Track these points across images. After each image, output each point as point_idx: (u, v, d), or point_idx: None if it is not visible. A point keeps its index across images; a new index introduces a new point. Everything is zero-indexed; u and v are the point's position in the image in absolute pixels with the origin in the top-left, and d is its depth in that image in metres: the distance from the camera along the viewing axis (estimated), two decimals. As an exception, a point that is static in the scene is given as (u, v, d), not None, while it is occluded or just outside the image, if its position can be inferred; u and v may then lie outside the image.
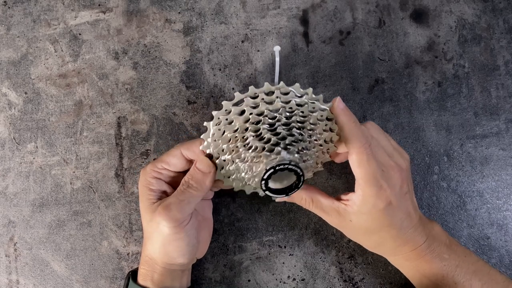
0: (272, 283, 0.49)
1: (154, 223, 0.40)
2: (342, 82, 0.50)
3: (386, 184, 0.39)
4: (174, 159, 0.42)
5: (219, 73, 0.51)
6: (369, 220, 0.41)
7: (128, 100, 0.51)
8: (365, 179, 0.39)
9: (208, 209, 0.47)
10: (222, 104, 0.38)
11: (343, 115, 0.39)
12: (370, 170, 0.39)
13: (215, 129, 0.39)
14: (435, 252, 0.41)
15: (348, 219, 0.42)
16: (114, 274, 0.49)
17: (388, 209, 0.40)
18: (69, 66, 0.52)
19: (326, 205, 0.42)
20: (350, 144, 0.39)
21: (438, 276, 0.41)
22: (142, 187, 0.42)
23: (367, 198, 0.40)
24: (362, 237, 0.43)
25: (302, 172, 0.38)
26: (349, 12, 0.51)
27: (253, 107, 0.38)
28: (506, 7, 0.51)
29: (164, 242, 0.41)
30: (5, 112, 0.52)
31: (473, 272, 0.41)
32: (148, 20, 0.52)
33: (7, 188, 0.51)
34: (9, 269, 0.50)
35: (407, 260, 0.42)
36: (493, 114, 0.50)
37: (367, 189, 0.39)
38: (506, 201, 0.49)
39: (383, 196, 0.39)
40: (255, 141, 0.38)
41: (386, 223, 0.40)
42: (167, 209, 0.40)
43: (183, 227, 0.40)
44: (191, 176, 0.41)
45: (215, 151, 0.40)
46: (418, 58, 0.51)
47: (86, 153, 0.51)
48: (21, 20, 0.53)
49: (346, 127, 0.39)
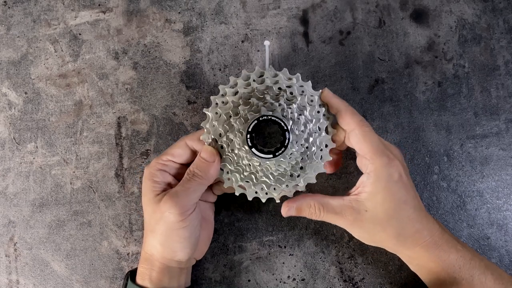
0: (272, 283, 0.49)
1: (158, 213, 0.40)
2: (342, 82, 0.50)
3: (392, 154, 0.40)
4: (179, 150, 0.43)
5: (219, 73, 0.51)
6: (386, 199, 0.39)
7: (128, 100, 0.51)
8: (373, 150, 0.39)
9: (210, 211, 0.47)
10: (219, 88, 0.41)
11: (335, 97, 0.41)
12: (376, 141, 0.40)
13: (213, 112, 0.41)
14: (450, 242, 0.41)
15: (363, 210, 0.40)
16: (114, 274, 0.49)
17: (401, 182, 0.40)
18: (69, 66, 0.52)
19: (338, 205, 0.41)
20: (350, 120, 0.40)
21: (456, 268, 0.40)
22: (146, 180, 0.43)
23: (380, 170, 0.39)
24: (381, 228, 0.40)
25: (287, 127, 0.39)
26: (349, 12, 0.51)
27: (245, 88, 0.41)
28: (506, 7, 0.51)
29: (168, 231, 0.41)
30: (5, 112, 0.52)
31: (486, 266, 0.41)
32: (148, 20, 0.52)
33: (7, 188, 0.51)
34: (9, 269, 0.50)
35: (426, 250, 0.41)
36: (493, 114, 0.50)
37: (377, 160, 0.39)
38: (506, 201, 0.49)
39: (394, 165, 0.39)
40: (245, 111, 0.40)
41: (403, 198, 0.40)
42: (174, 196, 0.40)
43: (188, 215, 0.41)
44: (196, 165, 0.41)
45: (213, 136, 0.41)
46: (418, 58, 0.51)
47: (86, 153, 0.51)
48: (21, 20, 0.53)
49: (341, 106, 0.41)
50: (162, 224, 0.41)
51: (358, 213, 0.40)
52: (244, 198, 0.42)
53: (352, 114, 0.41)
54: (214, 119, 0.41)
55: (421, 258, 0.42)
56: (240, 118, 0.40)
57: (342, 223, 0.42)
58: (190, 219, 0.41)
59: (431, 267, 0.42)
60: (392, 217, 0.40)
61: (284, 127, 0.39)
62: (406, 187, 0.40)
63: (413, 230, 0.41)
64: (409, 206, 0.40)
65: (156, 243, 0.42)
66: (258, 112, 0.40)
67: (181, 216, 0.40)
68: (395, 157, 0.40)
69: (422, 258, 0.42)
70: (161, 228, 0.41)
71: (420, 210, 0.41)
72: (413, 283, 0.48)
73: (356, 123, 0.40)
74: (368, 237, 0.42)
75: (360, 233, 0.42)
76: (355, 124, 0.40)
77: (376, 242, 0.43)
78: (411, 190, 0.41)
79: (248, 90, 0.41)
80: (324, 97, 0.41)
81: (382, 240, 0.42)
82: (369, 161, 0.40)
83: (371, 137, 0.40)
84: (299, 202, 0.42)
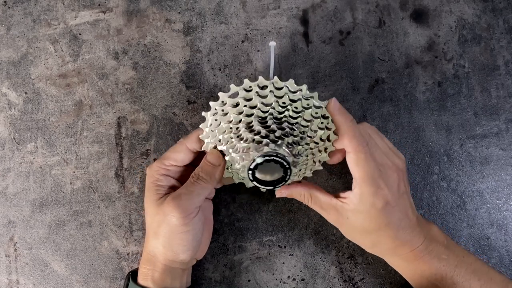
0: (272, 283, 0.49)
1: (161, 216, 0.40)
2: (342, 82, 0.50)
3: (383, 184, 0.39)
4: (180, 155, 0.43)
5: (219, 73, 0.51)
6: (366, 219, 0.40)
7: (128, 100, 0.51)
8: (363, 178, 0.39)
9: (209, 209, 0.47)
10: (218, 95, 0.40)
11: (339, 114, 0.39)
12: (368, 169, 0.39)
13: (212, 119, 0.40)
14: (433, 253, 0.41)
15: (345, 217, 0.41)
16: (114, 274, 0.49)
17: (386, 209, 0.40)
18: (69, 66, 0.52)
19: (324, 202, 0.42)
20: (347, 142, 0.39)
21: (437, 277, 0.41)
22: (150, 184, 0.43)
23: (365, 196, 0.39)
24: (359, 236, 0.43)
25: (289, 166, 0.39)
26: (349, 12, 0.51)
27: (247, 100, 0.39)
28: (506, 7, 0.51)
29: (170, 234, 0.41)
30: (5, 112, 0.52)
31: (472, 272, 0.41)
32: (148, 20, 0.52)
33: (7, 188, 0.51)
34: (9, 269, 0.50)
35: (405, 261, 0.42)
36: (493, 114, 0.50)
37: (365, 188, 0.39)
38: (506, 201, 0.49)
39: (380, 195, 0.39)
40: (246, 132, 0.39)
41: (384, 222, 0.40)
42: (177, 198, 0.40)
43: (191, 219, 0.41)
44: (201, 168, 0.42)
45: (213, 140, 0.41)
46: (418, 58, 0.51)
47: (86, 153, 0.51)
48: (21, 20, 0.53)
49: (343, 126, 0.39)
50: (164, 227, 0.41)
51: (341, 216, 0.42)
52: (245, 198, 0.43)
53: (351, 138, 0.39)
54: (214, 126, 0.41)
55: (399, 266, 0.44)
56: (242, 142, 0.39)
57: (327, 218, 0.44)
58: (193, 222, 0.41)
59: (409, 276, 0.43)
60: (370, 233, 0.41)
61: (286, 166, 0.39)
62: (392, 212, 0.40)
63: (391, 246, 0.42)
64: (390, 228, 0.40)
65: (158, 245, 0.42)
66: (260, 143, 0.38)
67: (184, 219, 0.40)
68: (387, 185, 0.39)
69: (399, 267, 0.44)
70: (164, 230, 0.41)
71: (404, 229, 0.41)
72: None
73: (353, 147, 0.39)
74: (347, 236, 0.44)
75: (342, 231, 0.44)
76: (351, 148, 0.39)
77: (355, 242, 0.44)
78: (397, 213, 0.40)
79: (250, 104, 0.39)
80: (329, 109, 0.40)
81: (359, 243, 0.44)
82: (357, 186, 0.40)
83: (364, 164, 0.39)
84: (292, 189, 0.44)
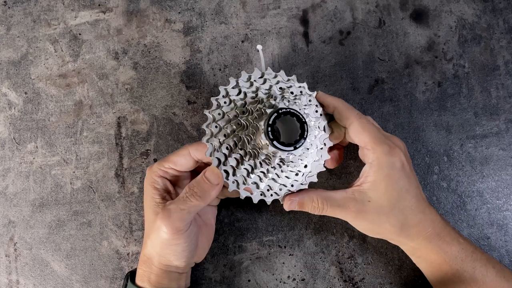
0: (272, 283, 0.49)
1: (155, 225, 0.40)
2: (342, 82, 0.50)
3: (393, 144, 0.40)
4: (181, 159, 0.42)
5: (219, 73, 0.51)
6: (389, 187, 0.39)
7: (128, 100, 0.51)
8: (373, 139, 0.39)
9: (211, 215, 0.47)
10: (219, 89, 0.40)
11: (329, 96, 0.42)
12: (376, 131, 0.40)
13: (216, 113, 0.40)
14: (452, 234, 0.41)
15: (366, 201, 0.40)
16: (114, 274, 0.49)
17: (403, 171, 0.40)
18: (69, 66, 0.52)
19: (341, 198, 0.41)
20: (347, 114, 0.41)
21: (458, 260, 0.40)
22: (147, 185, 0.43)
23: (381, 158, 0.39)
24: (385, 217, 0.40)
25: (305, 119, 0.38)
26: (349, 12, 0.51)
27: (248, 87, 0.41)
28: (506, 7, 0.51)
29: (161, 245, 0.41)
30: (5, 112, 0.52)
31: (487, 260, 0.41)
32: (148, 20, 0.52)
33: (7, 188, 0.51)
34: (9, 269, 0.50)
35: (429, 241, 0.41)
36: (493, 114, 0.50)
37: (378, 148, 0.39)
38: (506, 201, 0.49)
39: (395, 153, 0.39)
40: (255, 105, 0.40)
41: (405, 187, 0.40)
42: (168, 217, 0.39)
43: (181, 234, 0.40)
44: (198, 184, 0.39)
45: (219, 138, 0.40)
46: (418, 58, 0.51)
47: (86, 153, 0.51)
48: (21, 20, 0.53)
49: (338, 103, 0.41)
50: (156, 237, 0.41)
51: (362, 204, 0.40)
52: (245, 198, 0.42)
53: (349, 108, 0.41)
54: (217, 120, 0.40)
55: (424, 249, 0.42)
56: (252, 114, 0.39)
57: (345, 215, 0.41)
58: (184, 236, 0.40)
59: (433, 259, 0.42)
60: (395, 206, 0.40)
61: (303, 119, 0.38)
62: (409, 176, 0.40)
63: (416, 220, 0.40)
64: (411, 195, 0.40)
65: (153, 250, 0.42)
66: (271, 108, 0.39)
67: (174, 235, 0.39)
68: (397, 146, 0.40)
69: (424, 250, 0.42)
70: (156, 240, 0.41)
71: (422, 200, 0.41)
72: (413, 283, 0.48)
73: (354, 116, 0.41)
74: (372, 228, 0.42)
75: (364, 225, 0.42)
76: (353, 118, 0.40)
77: (380, 234, 0.42)
78: (413, 180, 0.41)
79: (253, 88, 0.41)
80: (319, 97, 0.42)
81: (386, 231, 0.41)
82: (370, 150, 0.40)
83: (369, 127, 0.40)
84: (302, 196, 0.41)
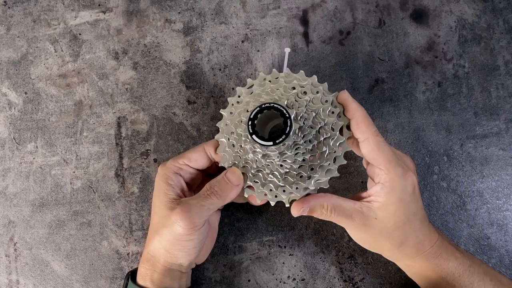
0: (272, 283, 0.49)
1: (168, 220, 0.40)
2: (342, 82, 0.50)
3: (406, 167, 0.39)
4: (196, 155, 0.42)
5: (219, 73, 0.51)
6: (398, 211, 0.39)
7: (128, 100, 0.51)
8: (388, 160, 0.38)
9: (215, 218, 0.47)
10: (236, 90, 0.42)
11: (354, 102, 0.40)
12: (390, 153, 0.39)
13: (228, 112, 0.42)
14: (449, 250, 0.41)
15: (373, 218, 0.40)
16: (114, 274, 0.49)
17: (414, 195, 0.39)
18: (69, 66, 0.52)
19: (349, 208, 0.40)
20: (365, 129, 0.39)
21: (455, 276, 0.41)
22: (160, 182, 0.42)
23: (395, 181, 0.38)
24: (387, 236, 0.40)
25: (289, 114, 0.38)
26: (349, 12, 0.51)
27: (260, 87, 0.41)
28: (506, 7, 0.51)
29: (173, 240, 0.41)
30: (5, 112, 0.52)
31: (484, 273, 0.41)
32: (148, 20, 0.52)
33: (7, 188, 0.51)
34: (9, 269, 0.50)
35: (426, 259, 0.41)
36: (493, 114, 0.50)
37: (392, 170, 0.38)
38: (506, 201, 0.49)
39: (409, 177, 0.39)
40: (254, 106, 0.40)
41: (412, 211, 0.39)
42: (187, 211, 0.40)
43: (196, 230, 0.40)
44: (218, 183, 0.40)
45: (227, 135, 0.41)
46: (418, 58, 0.51)
47: (86, 153, 0.51)
48: (21, 20, 0.53)
49: (359, 113, 0.39)
50: (169, 232, 0.41)
51: (367, 218, 0.40)
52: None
53: (367, 122, 0.39)
54: (228, 118, 0.41)
55: (420, 267, 0.42)
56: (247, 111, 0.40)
57: (349, 225, 0.41)
58: (198, 233, 0.41)
59: (429, 275, 0.42)
60: (399, 228, 0.40)
61: (286, 115, 0.38)
62: (417, 199, 0.40)
63: (416, 240, 0.41)
64: (417, 218, 0.40)
65: (160, 246, 0.42)
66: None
67: (190, 230, 0.40)
68: (409, 168, 0.40)
69: (420, 267, 0.42)
70: (168, 235, 0.41)
71: (424, 221, 0.41)
72: (413, 283, 0.48)
73: (371, 132, 0.39)
74: (370, 242, 0.42)
75: (363, 238, 0.42)
76: (369, 134, 0.39)
77: (377, 249, 0.43)
78: (420, 202, 0.41)
79: (262, 88, 0.41)
80: (341, 99, 0.40)
81: (384, 248, 0.42)
82: (384, 171, 0.39)
83: (384, 147, 0.39)
84: (313, 203, 0.41)
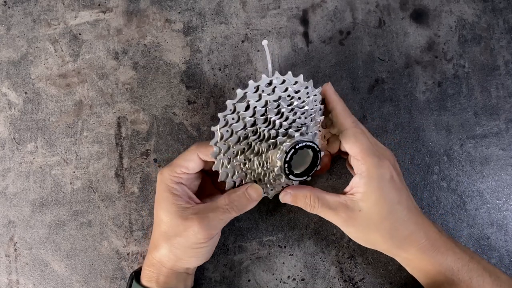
0: (272, 283, 0.49)
1: (182, 228, 0.40)
2: (342, 82, 0.50)
3: (382, 156, 0.40)
4: (191, 163, 0.42)
5: (219, 73, 0.51)
6: (380, 200, 0.40)
7: (128, 100, 0.51)
8: (364, 150, 0.40)
9: None
10: (226, 104, 0.38)
11: (334, 94, 0.42)
12: (367, 143, 0.40)
13: (223, 130, 0.39)
14: (447, 244, 0.41)
15: (357, 210, 0.40)
16: (114, 274, 0.49)
17: (392, 183, 0.40)
18: (69, 66, 0.52)
19: (333, 201, 0.41)
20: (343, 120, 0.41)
21: (454, 270, 0.40)
22: (164, 193, 0.42)
23: (371, 170, 0.39)
24: (374, 227, 0.41)
25: (319, 148, 0.40)
26: (349, 12, 0.51)
27: (256, 101, 0.39)
28: (506, 7, 0.51)
29: (186, 248, 0.41)
30: (5, 112, 0.52)
31: (483, 269, 0.41)
32: (148, 20, 0.52)
33: (7, 188, 0.51)
34: (9, 269, 0.50)
35: (423, 252, 0.41)
36: (493, 114, 0.50)
37: (368, 159, 0.40)
38: (506, 201, 0.49)
39: (384, 165, 0.40)
40: (266, 130, 0.40)
41: (396, 199, 0.40)
42: (206, 224, 0.40)
43: (211, 238, 0.41)
44: (239, 199, 0.41)
45: (227, 155, 0.40)
46: (418, 58, 0.51)
47: (86, 153, 0.51)
48: (21, 20, 0.53)
49: (338, 105, 0.41)
50: (184, 241, 0.41)
51: (352, 211, 0.41)
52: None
53: (346, 115, 0.42)
54: (226, 137, 0.39)
55: (418, 260, 0.42)
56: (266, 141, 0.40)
57: (336, 219, 0.42)
58: (212, 240, 0.42)
59: (428, 270, 0.42)
60: (385, 218, 0.40)
61: (317, 149, 0.40)
62: (399, 188, 0.41)
63: (407, 232, 0.41)
64: (402, 207, 0.40)
65: (169, 253, 0.42)
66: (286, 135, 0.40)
67: (205, 239, 0.41)
68: (386, 158, 0.41)
69: (419, 261, 0.42)
70: (181, 242, 0.41)
71: (414, 212, 0.41)
72: (413, 283, 0.48)
73: (349, 123, 0.41)
74: (362, 237, 0.42)
75: (353, 232, 0.42)
76: (348, 125, 0.41)
77: (371, 244, 0.43)
78: (404, 191, 0.41)
79: (261, 103, 0.39)
80: (324, 91, 0.42)
81: (377, 242, 0.42)
82: (360, 161, 0.40)
83: (361, 138, 0.40)
84: (296, 190, 0.43)
